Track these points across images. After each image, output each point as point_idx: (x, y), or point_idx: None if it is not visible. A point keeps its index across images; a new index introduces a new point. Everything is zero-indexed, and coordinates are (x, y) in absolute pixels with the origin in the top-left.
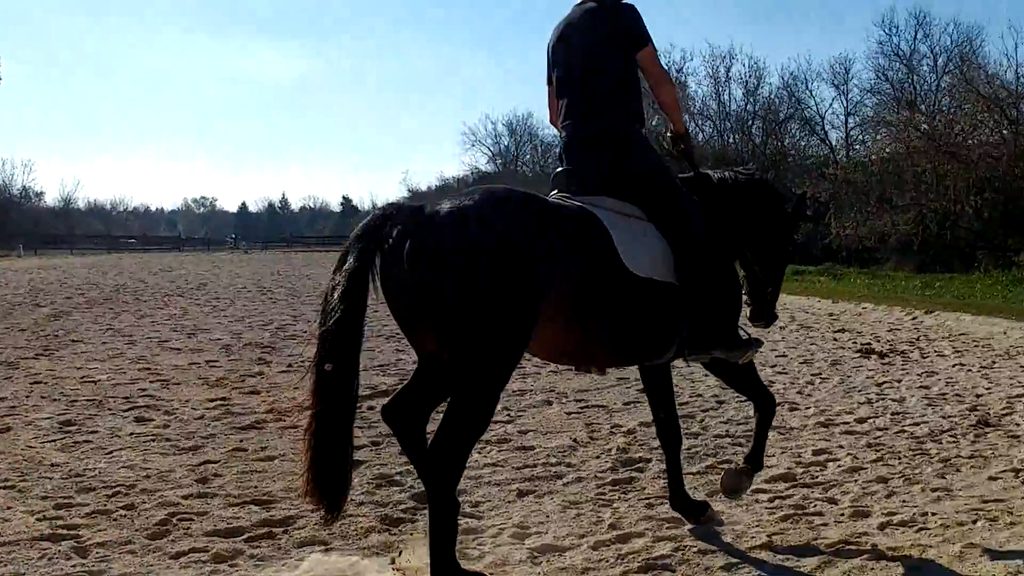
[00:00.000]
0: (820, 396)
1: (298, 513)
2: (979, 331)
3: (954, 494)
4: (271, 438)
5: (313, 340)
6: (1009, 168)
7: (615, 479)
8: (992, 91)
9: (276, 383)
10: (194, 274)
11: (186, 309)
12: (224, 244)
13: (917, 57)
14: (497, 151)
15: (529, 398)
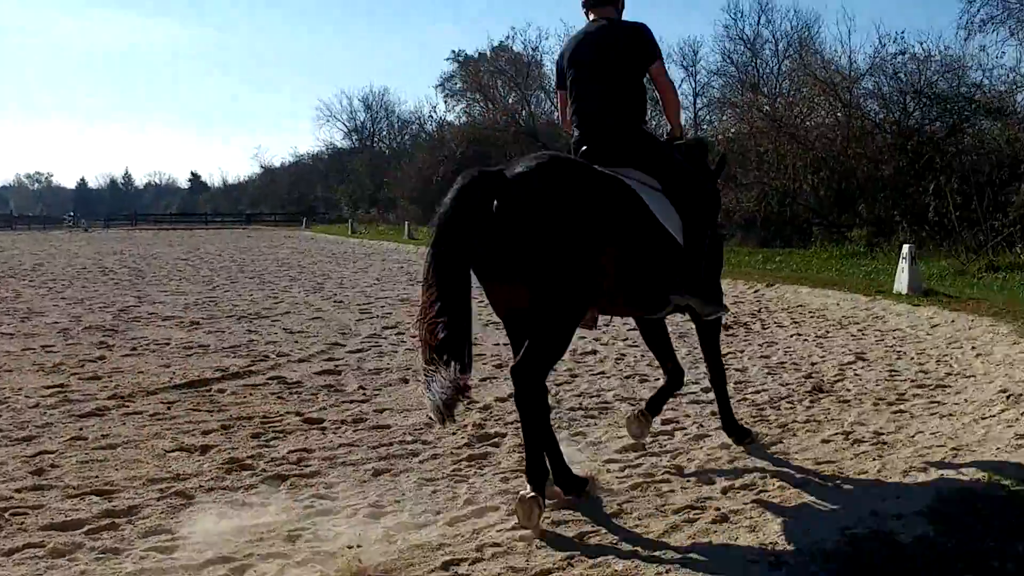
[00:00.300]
0: None
1: (143, 502)
2: (815, 303)
3: (791, 457)
4: (114, 425)
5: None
6: (843, 148)
7: (471, 455)
8: (828, 75)
9: (119, 368)
10: (28, 254)
11: (19, 292)
12: (62, 222)
13: (760, 42)
14: (353, 127)
15: (385, 376)
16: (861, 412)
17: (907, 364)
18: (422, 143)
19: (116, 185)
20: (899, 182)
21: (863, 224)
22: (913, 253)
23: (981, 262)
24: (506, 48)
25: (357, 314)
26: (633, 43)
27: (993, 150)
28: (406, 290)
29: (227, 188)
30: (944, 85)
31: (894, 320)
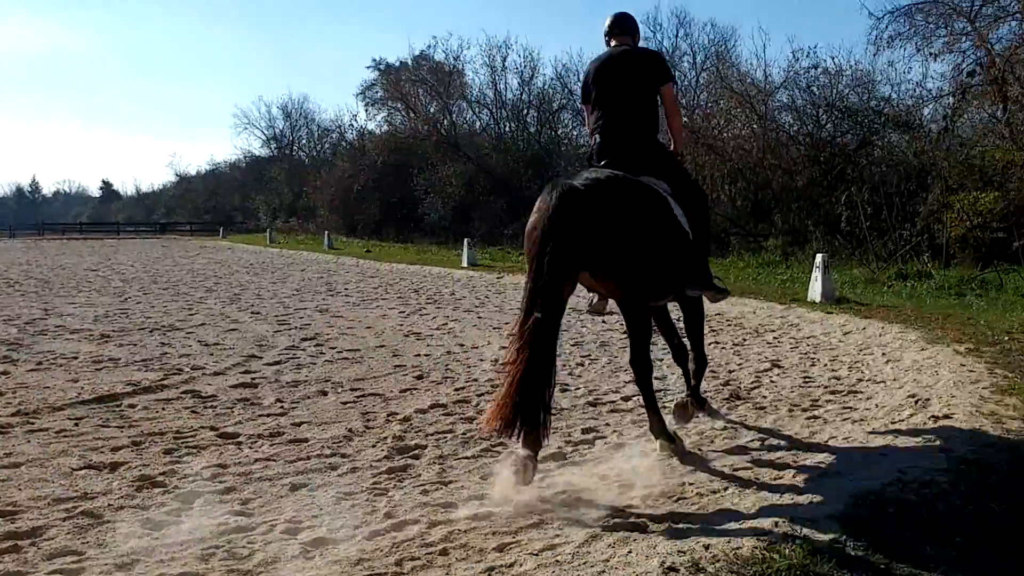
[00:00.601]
0: (589, 376)
1: (48, 523)
2: (732, 311)
3: (709, 464)
4: (17, 443)
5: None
6: (759, 160)
7: (391, 467)
8: (744, 88)
9: (24, 383)
10: None
11: None
12: None
13: (679, 54)
14: (272, 135)
15: (303, 389)
16: (777, 419)
17: (821, 371)
18: (342, 152)
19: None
20: (813, 193)
21: (778, 234)
22: (826, 262)
23: (891, 270)
24: (428, 57)
25: (275, 325)
26: (650, 66)
27: (901, 162)
28: (326, 301)
29: (141, 197)
30: (855, 99)
31: (808, 328)
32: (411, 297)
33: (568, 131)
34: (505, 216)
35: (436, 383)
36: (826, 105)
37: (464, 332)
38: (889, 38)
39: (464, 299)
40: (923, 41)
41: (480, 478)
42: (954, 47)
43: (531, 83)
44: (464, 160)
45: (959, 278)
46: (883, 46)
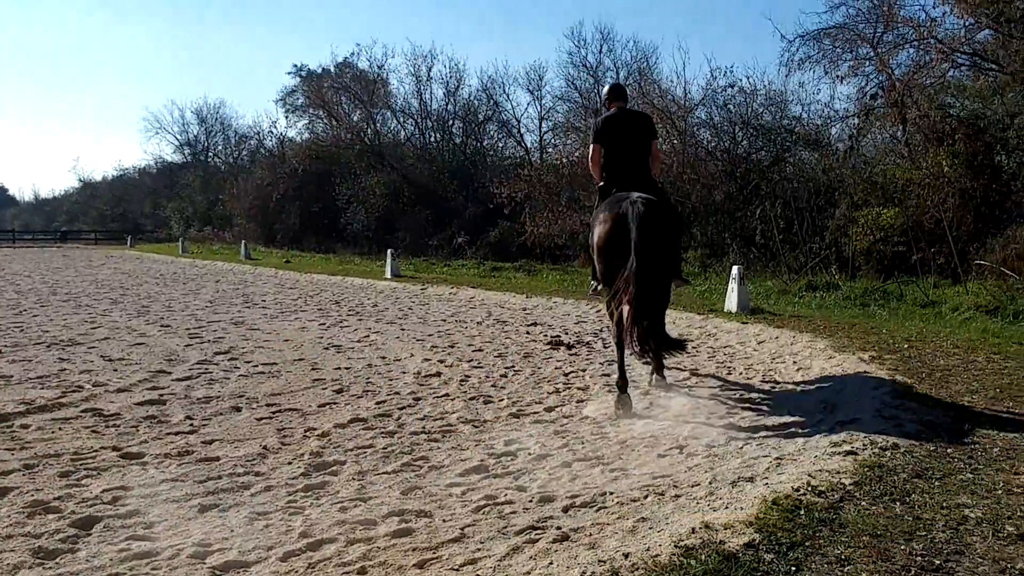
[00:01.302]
0: (513, 388)
1: None
2: None
3: (629, 472)
4: None
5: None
6: (678, 174)
7: (307, 484)
8: (664, 104)
9: None
10: None
11: None
12: None
13: (602, 69)
14: (185, 140)
15: (216, 405)
16: (694, 426)
17: (736, 379)
18: (261, 159)
19: None
20: (729, 207)
21: (697, 246)
22: (742, 274)
23: (801, 282)
24: (351, 65)
25: (186, 339)
26: (647, 125)
27: (811, 178)
28: (241, 313)
29: (40, 203)
30: (768, 117)
31: (725, 337)
32: (332, 309)
33: (493, 142)
34: (430, 227)
35: (356, 397)
36: (742, 123)
37: (386, 344)
38: (800, 61)
39: (387, 311)
40: (831, 64)
41: (401, 493)
42: (858, 71)
43: (456, 94)
44: (388, 170)
45: (863, 289)
46: (794, 68)
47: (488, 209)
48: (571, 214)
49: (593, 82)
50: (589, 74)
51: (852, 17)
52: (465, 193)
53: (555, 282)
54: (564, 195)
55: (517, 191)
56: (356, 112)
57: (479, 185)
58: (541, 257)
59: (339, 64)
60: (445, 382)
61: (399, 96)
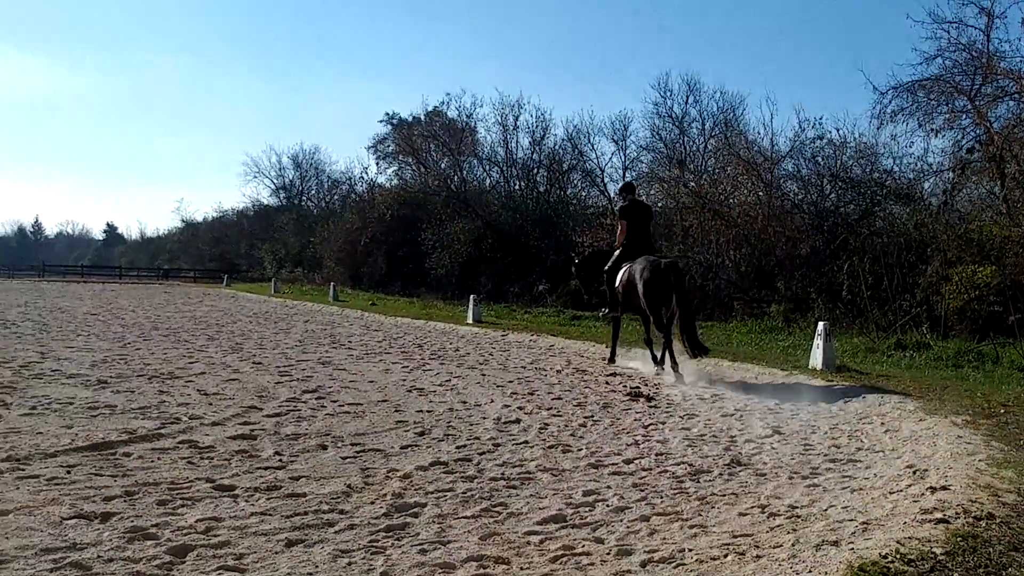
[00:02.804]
0: (592, 438)
1: (35, 573)
2: (735, 376)
3: (709, 530)
4: (7, 489)
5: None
6: (763, 226)
7: (389, 525)
8: (750, 156)
9: (16, 428)
10: None
11: None
12: None
13: (688, 120)
14: (281, 184)
15: (303, 442)
16: (777, 485)
17: (820, 438)
18: (351, 204)
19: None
20: (815, 261)
21: (781, 300)
22: (828, 330)
23: (890, 340)
24: (440, 113)
25: (276, 376)
26: (650, 211)
27: (902, 234)
28: (328, 353)
29: (145, 241)
30: (858, 170)
31: (809, 395)
32: (415, 352)
33: (577, 191)
34: (512, 274)
35: (438, 440)
36: (830, 175)
37: (467, 389)
38: (892, 113)
39: (468, 356)
40: (925, 117)
41: (479, 539)
42: (954, 124)
43: (542, 143)
44: (473, 217)
45: (956, 350)
46: (886, 120)
47: (570, 257)
48: None
49: (679, 132)
50: (675, 125)
51: (948, 69)
52: (547, 241)
53: (634, 332)
54: None
55: (599, 240)
56: (444, 159)
57: (561, 233)
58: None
59: (429, 113)
60: (524, 429)
61: (486, 144)
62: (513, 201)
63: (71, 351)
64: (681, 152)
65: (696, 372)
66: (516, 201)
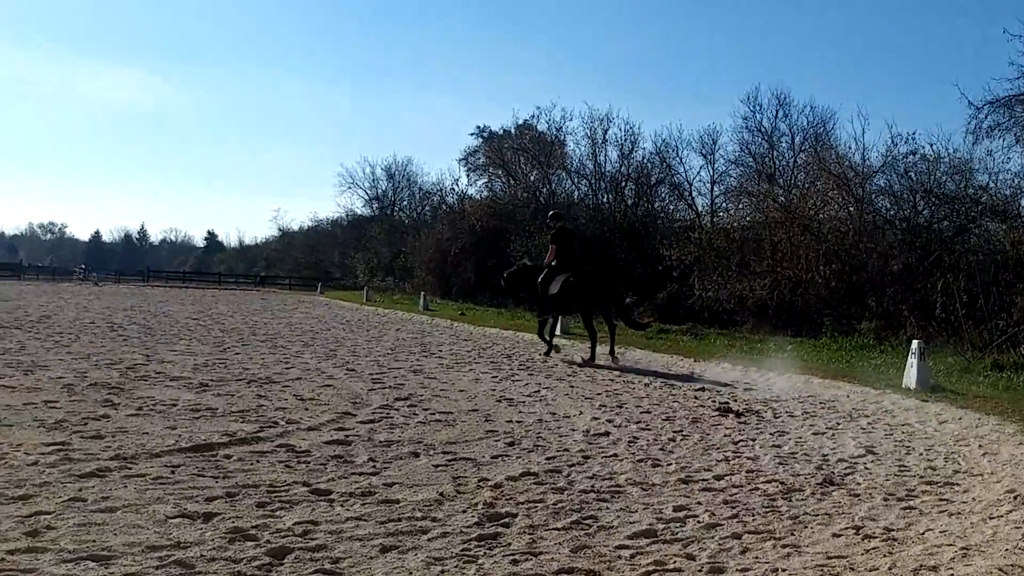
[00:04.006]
0: (681, 453)
1: (141, 570)
2: (825, 393)
3: (802, 550)
4: (115, 487)
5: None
6: (854, 242)
7: (481, 534)
8: (841, 170)
9: (123, 427)
10: (35, 305)
11: (23, 343)
12: (72, 274)
13: (777, 134)
14: (374, 195)
15: (396, 449)
16: (871, 507)
17: (916, 460)
18: (442, 215)
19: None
20: (908, 278)
21: (872, 317)
22: (922, 348)
23: (987, 360)
24: (531, 126)
25: (369, 383)
26: (575, 236)
27: (999, 251)
28: (419, 361)
29: (243, 249)
30: (952, 186)
31: (903, 415)
32: (503, 362)
33: (665, 205)
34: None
35: (527, 451)
36: (923, 191)
37: (556, 400)
38: (988, 128)
39: (556, 367)
40: (1023, 131)
41: (571, 551)
42: None
43: (631, 156)
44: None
45: None
46: (982, 135)
47: (657, 271)
48: (741, 279)
49: (768, 147)
50: (764, 139)
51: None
52: (635, 254)
53: (723, 347)
54: (734, 259)
55: (686, 254)
56: (533, 172)
57: (648, 246)
58: (709, 321)
59: (519, 126)
60: (614, 442)
61: (575, 157)
62: (601, 214)
63: (174, 354)
64: (770, 166)
65: (789, 388)
66: (604, 214)
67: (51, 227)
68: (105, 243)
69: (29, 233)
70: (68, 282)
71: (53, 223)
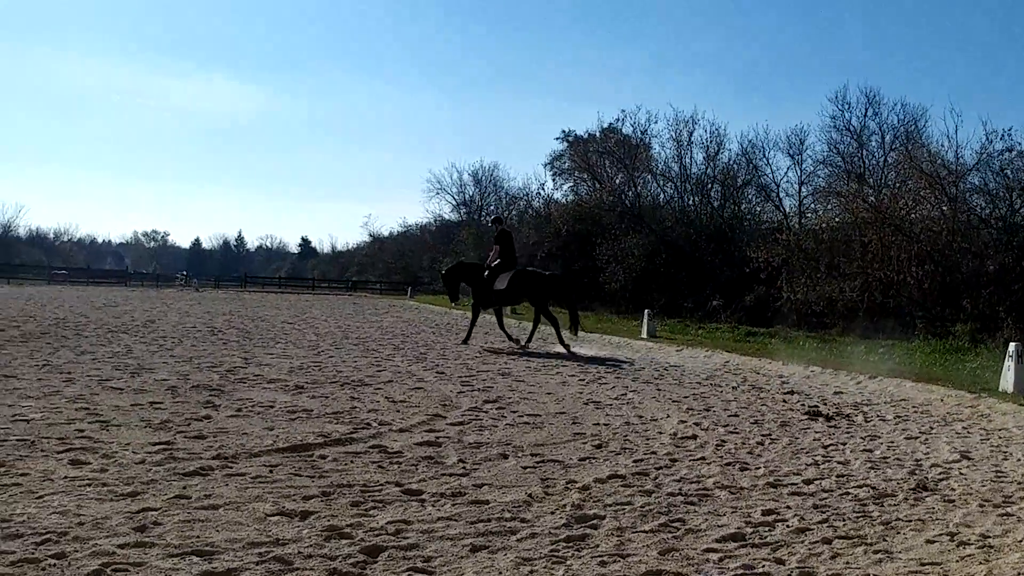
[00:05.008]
0: (770, 457)
1: (243, 565)
2: (918, 397)
3: (895, 556)
4: (217, 485)
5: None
6: (948, 242)
7: (569, 536)
8: (934, 169)
9: (224, 428)
10: (140, 310)
11: (130, 347)
12: (174, 280)
13: (867, 133)
14: (462, 200)
15: (485, 451)
16: (967, 513)
17: (1014, 465)
18: (528, 219)
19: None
20: (1004, 278)
21: (967, 319)
22: (1020, 351)
23: None
24: (615, 130)
25: (458, 386)
26: (513, 238)
27: None
28: (507, 364)
29: (336, 254)
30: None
31: (1000, 419)
32: (590, 365)
33: (752, 206)
34: (686, 289)
35: (615, 453)
36: (1020, 189)
37: (643, 403)
38: None
39: (643, 370)
40: None
41: (659, 553)
42: None
43: (716, 158)
44: (647, 232)
45: None
46: None
47: (744, 273)
48: (830, 281)
49: (857, 146)
50: (853, 138)
51: None
52: (721, 256)
53: (812, 350)
54: (823, 261)
55: (774, 256)
56: (618, 175)
57: (735, 249)
58: (798, 324)
59: (604, 129)
60: (701, 445)
61: (660, 160)
62: (687, 216)
63: (271, 357)
64: (859, 166)
65: (881, 392)
66: (690, 216)
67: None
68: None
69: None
70: (170, 288)
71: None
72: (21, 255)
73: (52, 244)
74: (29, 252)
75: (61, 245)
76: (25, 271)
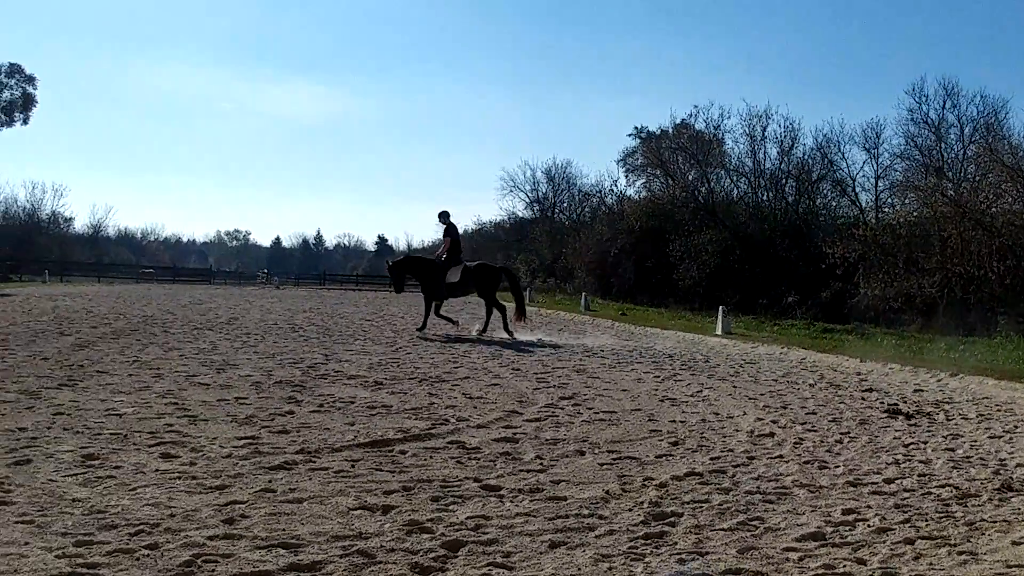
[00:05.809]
0: (849, 455)
1: (327, 558)
2: (1001, 395)
3: (979, 558)
4: (301, 479)
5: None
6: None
7: (647, 533)
8: (1015, 162)
9: (307, 423)
10: (224, 308)
11: (216, 344)
12: (255, 278)
13: (945, 126)
14: (535, 197)
15: (562, 448)
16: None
17: None
18: (601, 216)
19: (308, 245)
20: None
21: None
22: None
23: None
24: (688, 125)
25: (535, 383)
26: (458, 232)
27: None
28: (582, 361)
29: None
30: None
31: None
32: (665, 362)
33: (827, 201)
34: (760, 285)
35: (691, 451)
36: None
37: (719, 400)
38: None
39: (719, 367)
40: None
41: (737, 552)
42: None
43: (791, 153)
44: (720, 228)
45: None
46: None
47: (820, 269)
48: (908, 276)
49: (935, 139)
50: (931, 131)
51: None
52: (796, 252)
53: (891, 347)
54: (901, 257)
55: (850, 251)
56: (691, 171)
57: (811, 244)
58: (875, 320)
59: (677, 125)
60: (779, 443)
61: (733, 155)
62: (761, 212)
63: (351, 354)
64: (938, 159)
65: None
66: (764, 212)
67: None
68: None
69: (217, 240)
70: (252, 286)
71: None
72: (110, 254)
73: (139, 243)
74: (117, 251)
75: (148, 244)
76: (115, 270)
